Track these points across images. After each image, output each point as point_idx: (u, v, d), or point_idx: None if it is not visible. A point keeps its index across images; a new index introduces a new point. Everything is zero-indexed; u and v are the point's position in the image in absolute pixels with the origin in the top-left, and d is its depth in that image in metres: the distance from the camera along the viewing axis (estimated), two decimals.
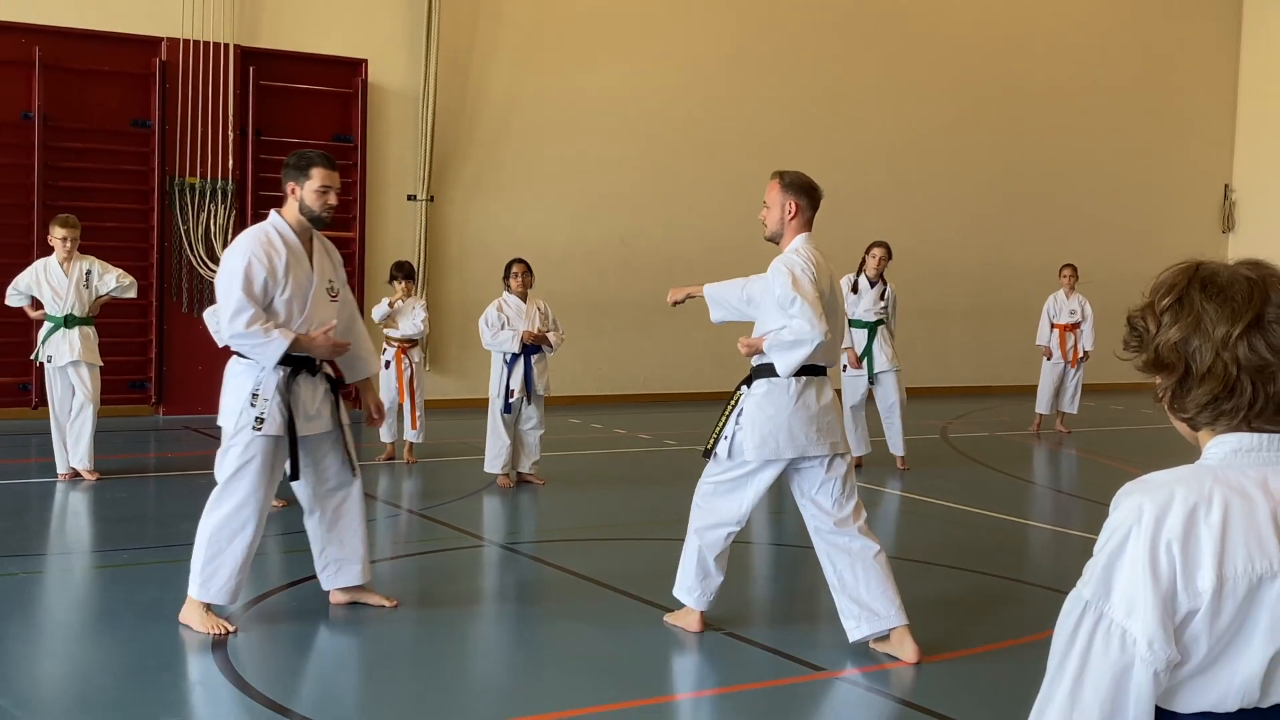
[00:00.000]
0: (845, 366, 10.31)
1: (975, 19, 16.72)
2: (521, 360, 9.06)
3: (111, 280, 9.03)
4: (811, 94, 15.59)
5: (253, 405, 5.40)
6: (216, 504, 5.47)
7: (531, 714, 4.66)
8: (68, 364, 8.84)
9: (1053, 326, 13.09)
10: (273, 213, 5.64)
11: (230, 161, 12.37)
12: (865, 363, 10.42)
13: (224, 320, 5.39)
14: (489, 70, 13.81)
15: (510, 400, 9.05)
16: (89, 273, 8.95)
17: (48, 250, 9.75)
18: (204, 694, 4.85)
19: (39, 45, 11.65)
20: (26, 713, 4.51)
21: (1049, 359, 13.03)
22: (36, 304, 8.97)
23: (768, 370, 5.32)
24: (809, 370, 5.34)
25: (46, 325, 8.91)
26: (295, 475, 5.52)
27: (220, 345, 8.21)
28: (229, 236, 12.28)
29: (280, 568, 6.50)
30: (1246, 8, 19.04)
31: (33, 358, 9.30)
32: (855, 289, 10.50)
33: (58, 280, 8.88)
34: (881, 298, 10.55)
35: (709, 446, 5.52)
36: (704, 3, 14.91)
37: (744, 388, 5.45)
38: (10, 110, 11.66)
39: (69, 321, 8.87)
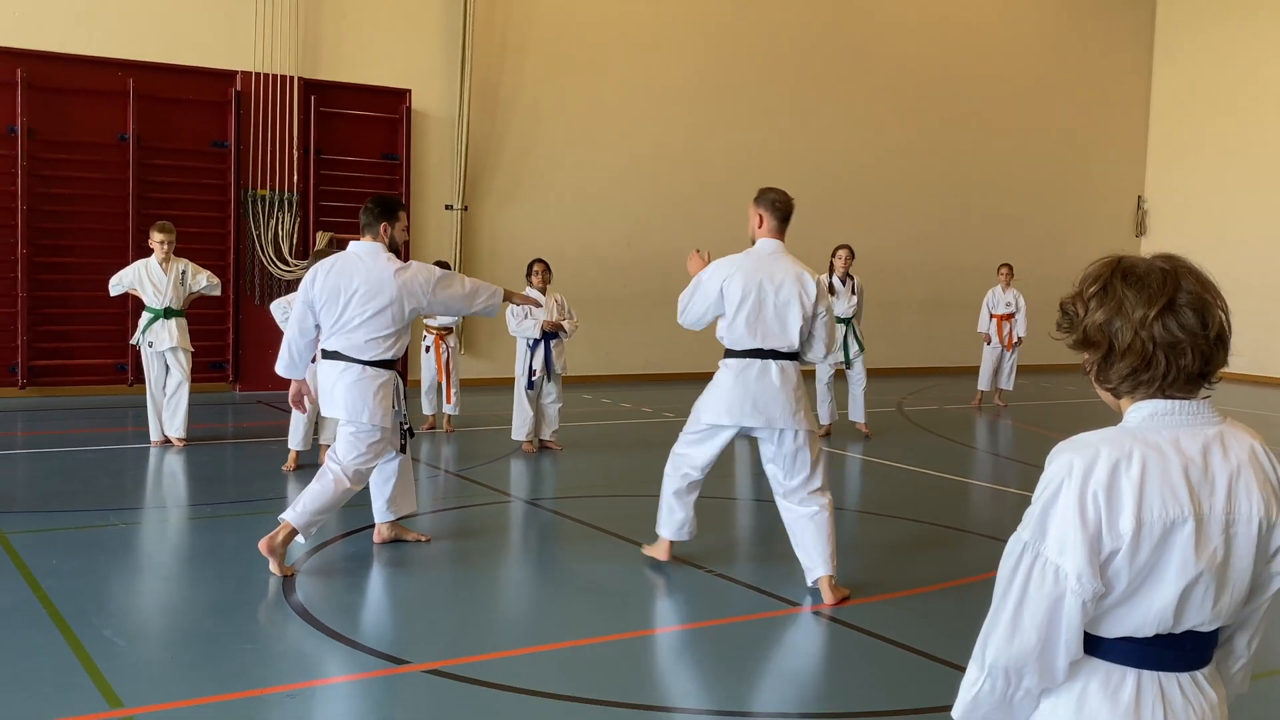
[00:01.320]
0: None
1: (925, 57, 16.65)
2: (542, 345, 9.07)
3: (203, 280, 9.13)
4: (787, 120, 15.55)
5: (395, 408, 5.66)
6: (349, 479, 5.56)
7: (555, 641, 4.68)
8: (166, 349, 8.90)
9: (991, 316, 13.08)
10: (376, 244, 5.70)
11: (295, 176, 12.35)
12: (843, 350, 10.46)
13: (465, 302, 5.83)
14: (514, 98, 13.77)
15: (533, 378, 9.06)
16: (184, 272, 9.05)
17: (141, 253, 9.76)
18: (275, 625, 4.86)
19: (133, 78, 11.62)
20: (127, 641, 4.53)
21: (988, 344, 13.03)
22: None
23: (729, 354, 5.45)
24: (751, 354, 5.38)
25: (146, 315, 8.96)
26: (404, 450, 5.89)
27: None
28: (294, 240, 12.28)
29: (339, 520, 6.50)
30: (1157, 46, 18.97)
31: (133, 342, 9.35)
32: (832, 289, 10.51)
33: (158, 278, 8.94)
34: (853, 293, 10.57)
35: None
36: (696, 41, 14.85)
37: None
38: (109, 133, 11.64)
39: (167, 313, 8.93)
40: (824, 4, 15.77)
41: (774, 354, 5.37)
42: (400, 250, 5.87)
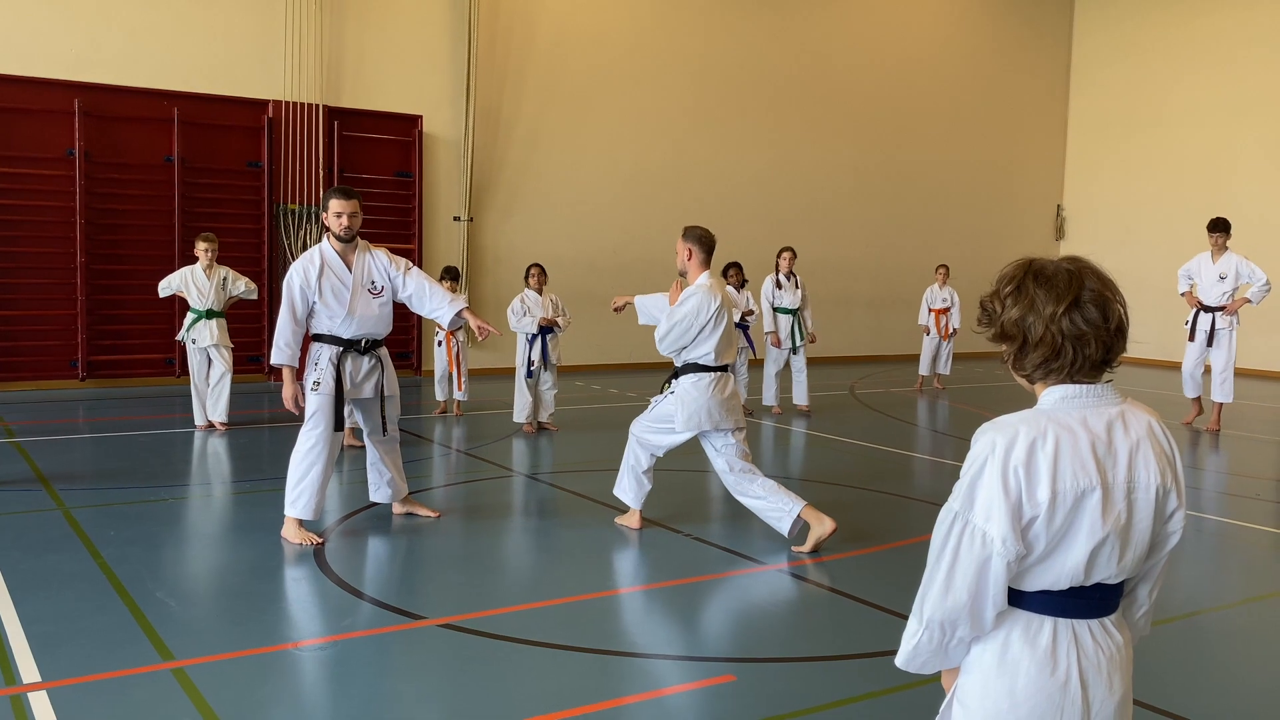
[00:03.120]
0: (769, 344, 10.61)
1: (875, 90, 16.67)
2: (539, 338, 9.06)
3: (241, 285, 9.12)
4: (756, 144, 15.55)
5: (314, 370, 5.50)
6: (298, 443, 5.51)
7: (552, 598, 4.68)
8: (208, 346, 8.88)
9: (930, 310, 13.11)
10: (324, 237, 5.67)
11: (320, 192, 12.28)
12: (792, 338, 10.53)
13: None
14: (514, 123, 13.72)
15: (531, 368, 9.06)
16: (225, 278, 9.03)
17: (186, 261, 9.72)
18: (304, 586, 4.85)
19: (177, 106, 11.54)
20: (176, 600, 4.52)
21: (928, 335, 13.06)
22: None
23: (692, 368, 5.56)
24: (719, 368, 5.56)
25: (190, 315, 8.95)
26: (339, 427, 5.53)
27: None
28: None
29: (361, 495, 6.49)
30: (1073, 76, 19.02)
31: (178, 338, 9.33)
32: (779, 285, 10.61)
33: (202, 283, 8.93)
34: (796, 287, 10.65)
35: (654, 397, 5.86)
36: (677, 74, 14.82)
37: (673, 380, 5.66)
38: (156, 155, 11.56)
39: (209, 314, 8.91)
40: (787, 45, 15.75)
41: (729, 366, 5.68)
42: (340, 237, 5.47)
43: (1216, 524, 6.43)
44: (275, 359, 5.47)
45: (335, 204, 5.50)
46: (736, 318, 9.99)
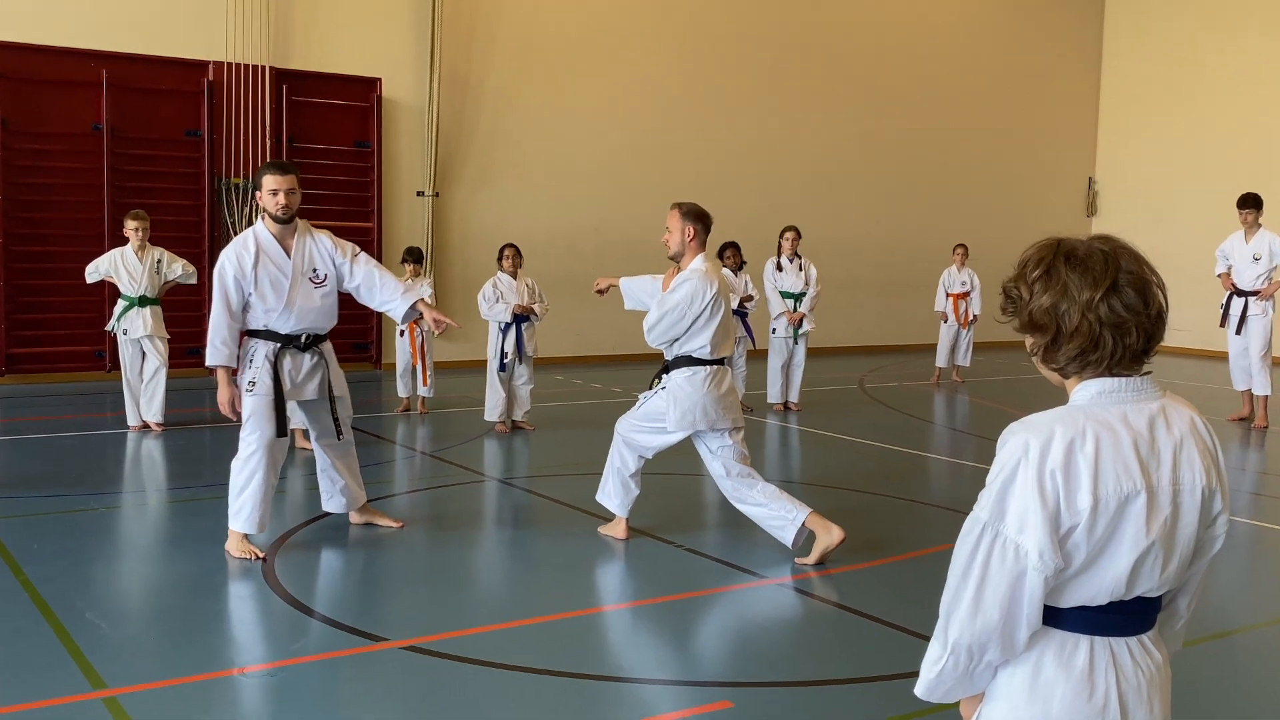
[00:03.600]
0: (775, 330, 10.59)
1: (888, 55, 16.68)
2: (513, 327, 9.05)
3: (178, 269, 9.07)
4: (749, 113, 15.55)
5: (249, 369, 5.45)
6: (239, 450, 5.48)
7: (528, 617, 4.67)
8: (142, 337, 8.83)
9: (948, 295, 13.15)
10: (258, 218, 5.57)
11: None
12: (791, 327, 10.56)
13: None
14: (483, 87, 13.68)
15: (505, 361, 9.05)
16: (159, 261, 8.98)
17: (117, 241, 9.64)
18: (249, 604, 4.83)
19: (106, 68, 11.45)
20: (108, 622, 4.49)
21: (945, 322, 13.10)
22: None
23: (685, 361, 5.54)
24: (715, 361, 5.56)
25: (121, 303, 8.88)
26: (283, 432, 5.45)
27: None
28: None
29: (313, 503, 6.46)
30: (1106, 41, 19.09)
31: (108, 329, 9.27)
32: (780, 267, 10.63)
33: (133, 266, 8.86)
34: (800, 270, 10.66)
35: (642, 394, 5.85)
36: (663, 32, 14.80)
37: (665, 374, 5.66)
38: (83, 123, 11.47)
39: (142, 301, 8.85)
40: (789, 2, 15.76)
41: (725, 359, 5.65)
42: (276, 216, 5.39)
43: (1254, 529, 6.47)
44: (210, 359, 5.42)
45: (269, 180, 5.39)
46: (734, 304, 9.99)
